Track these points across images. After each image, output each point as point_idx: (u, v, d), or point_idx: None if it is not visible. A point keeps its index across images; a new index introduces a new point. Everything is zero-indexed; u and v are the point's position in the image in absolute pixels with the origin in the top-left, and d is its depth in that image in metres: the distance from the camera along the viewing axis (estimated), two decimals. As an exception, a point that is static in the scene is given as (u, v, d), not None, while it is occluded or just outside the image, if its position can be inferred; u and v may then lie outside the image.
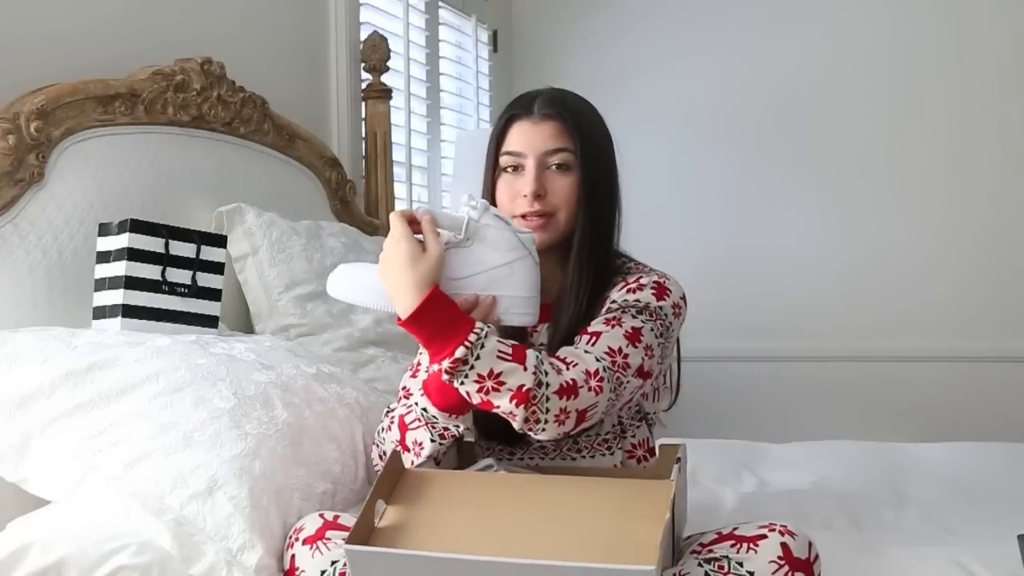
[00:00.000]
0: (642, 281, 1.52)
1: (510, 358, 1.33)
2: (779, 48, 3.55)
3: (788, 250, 3.53)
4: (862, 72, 3.47)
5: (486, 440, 1.57)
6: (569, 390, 1.34)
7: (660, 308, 1.49)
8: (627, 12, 3.71)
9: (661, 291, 1.52)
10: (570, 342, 1.48)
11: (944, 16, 3.38)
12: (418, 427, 1.47)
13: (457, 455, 1.58)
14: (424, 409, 1.45)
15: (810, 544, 1.29)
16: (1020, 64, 3.31)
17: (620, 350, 1.43)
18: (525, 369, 1.32)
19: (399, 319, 1.35)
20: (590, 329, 1.47)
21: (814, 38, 3.52)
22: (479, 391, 1.33)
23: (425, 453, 1.47)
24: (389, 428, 1.53)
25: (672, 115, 3.58)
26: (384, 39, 2.86)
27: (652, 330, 1.47)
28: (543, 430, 1.35)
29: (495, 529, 1.28)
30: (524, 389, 1.32)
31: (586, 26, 3.76)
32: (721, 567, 1.28)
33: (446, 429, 1.45)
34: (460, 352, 1.31)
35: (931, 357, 3.37)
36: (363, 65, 2.87)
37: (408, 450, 1.49)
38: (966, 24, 3.36)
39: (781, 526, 1.30)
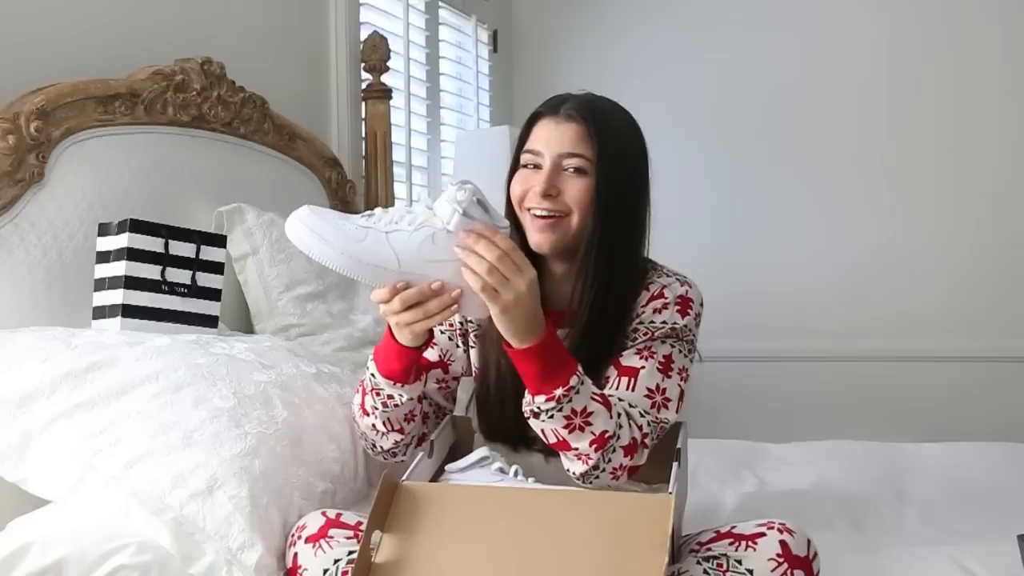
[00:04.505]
0: (665, 296, 1.51)
1: (600, 401, 1.35)
2: (778, 48, 3.55)
3: (788, 250, 3.53)
4: (861, 72, 3.47)
5: (489, 441, 1.58)
6: (632, 449, 1.37)
7: (686, 327, 1.50)
8: (627, 12, 3.71)
9: (684, 305, 1.51)
10: (593, 354, 1.46)
11: (943, 16, 3.39)
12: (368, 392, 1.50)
13: (453, 431, 1.61)
14: (372, 375, 1.47)
15: (809, 542, 1.30)
16: (1020, 64, 3.31)
17: (658, 387, 1.44)
18: (610, 416, 1.35)
19: (509, 346, 1.33)
20: (624, 362, 1.46)
21: (813, 38, 3.52)
22: (565, 427, 1.34)
23: (377, 418, 1.49)
24: (356, 391, 1.55)
25: (672, 115, 3.57)
26: (384, 39, 2.86)
27: (681, 352, 1.49)
28: (596, 478, 1.38)
29: (494, 567, 1.28)
30: (606, 435, 1.34)
31: (586, 26, 3.76)
32: (720, 565, 1.28)
33: (389, 397, 1.47)
34: (574, 380, 1.32)
35: (931, 357, 3.37)
36: (363, 65, 2.87)
37: (367, 414, 1.52)
38: (965, 24, 3.36)
39: (780, 524, 1.30)
